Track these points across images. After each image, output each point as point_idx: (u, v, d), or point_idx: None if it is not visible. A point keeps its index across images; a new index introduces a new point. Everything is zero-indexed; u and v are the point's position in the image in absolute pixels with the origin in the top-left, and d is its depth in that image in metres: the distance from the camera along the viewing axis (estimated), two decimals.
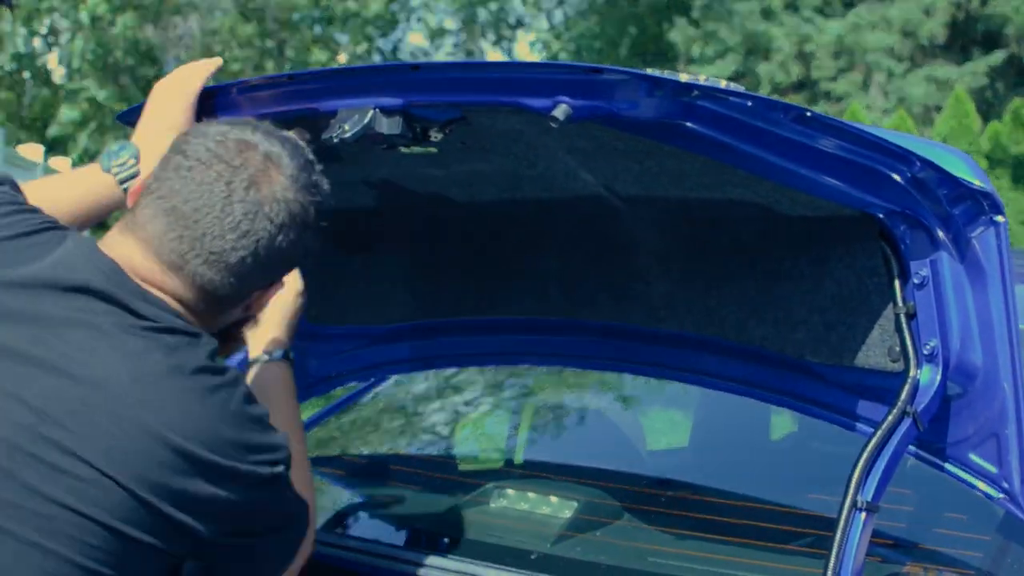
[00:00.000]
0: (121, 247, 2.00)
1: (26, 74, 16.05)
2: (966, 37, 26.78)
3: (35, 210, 2.08)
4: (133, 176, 2.34)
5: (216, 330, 2.08)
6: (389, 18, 16.34)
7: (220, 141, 2.00)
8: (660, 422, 4.41)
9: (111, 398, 1.86)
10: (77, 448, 1.83)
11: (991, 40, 26.52)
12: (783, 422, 3.91)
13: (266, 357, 2.41)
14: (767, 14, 27.34)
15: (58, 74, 16.20)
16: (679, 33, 24.51)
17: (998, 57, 25.60)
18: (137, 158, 2.37)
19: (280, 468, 2.00)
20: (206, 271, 1.98)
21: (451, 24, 18.35)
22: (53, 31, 15.29)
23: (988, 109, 24.89)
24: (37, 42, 15.40)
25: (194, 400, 1.91)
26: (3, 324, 1.90)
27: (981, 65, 25.48)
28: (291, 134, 2.12)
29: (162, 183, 2.00)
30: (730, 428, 3.85)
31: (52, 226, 2.04)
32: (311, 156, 2.10)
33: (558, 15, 19.60)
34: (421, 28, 18.17)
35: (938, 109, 24.57)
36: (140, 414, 1.86)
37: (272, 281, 2.10)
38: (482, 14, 17.79)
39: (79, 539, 1.83)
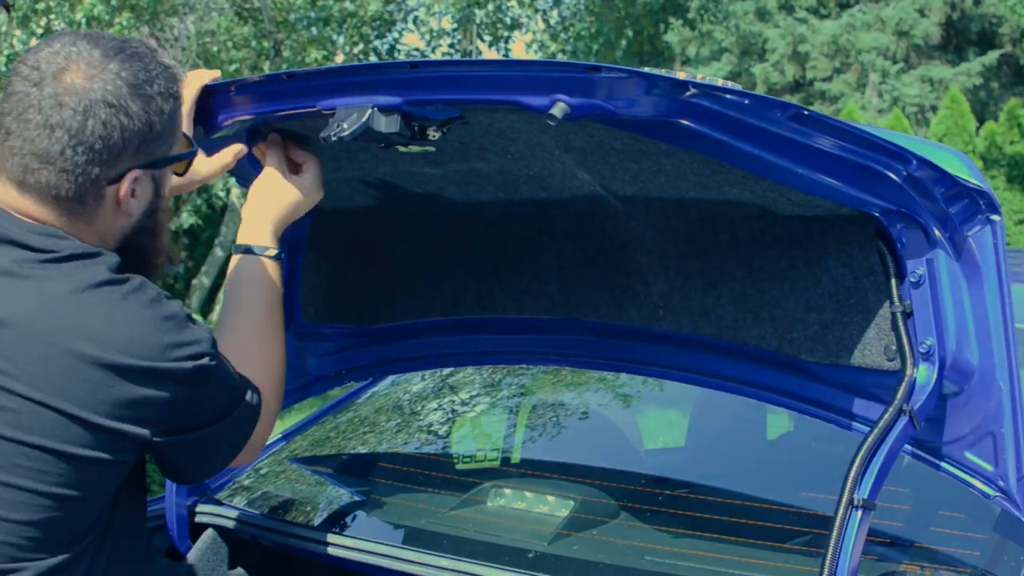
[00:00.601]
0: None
1: None
2: (961, 37, 26.79)
3: None
4: None
5: (114, 246, 2.17)
6: (387, 19, 16.32)
7: (35, 53, 2.11)
8: (657, 422, 4.42)
9: (26, 330, 2.01)
10: (6, 383, 2.00)
11: (986, 40, 26.54)
12: (779, 422, 3.92)
13: (235, 250, 2.51)
14: (762, 15, 27.37)
15: None
16: (675, 34, 24.54)
17: (993, 57, 25.62)
18: None
19: (204, 361, 2.12)
20: (43, 175, 2.07)
21: (448, 25, 18.35)
22: (49, 31, 15.29)
23: (983, 109, 24.92)
24: (34, 43, 15.41)
25: (102, 312, 2.04)
26: None
27: (976, 65, 25.49)
28: (138, 39, 2.21)
29: None
30: (727, 428, 3.86)
31: None
32: (139, 49, 2.15)
33: (554, 16, 19.61)
34: (417, 29, 18.15)
35: (933, 109, 24.60)
36: (55, 339, 2.01)
37: (120, 172, 2.12)
38: (479, 15, 17.79)
39: (31, 467, 2.00)
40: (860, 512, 2.14)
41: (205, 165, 2.48)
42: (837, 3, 27.53)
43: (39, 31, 14.81)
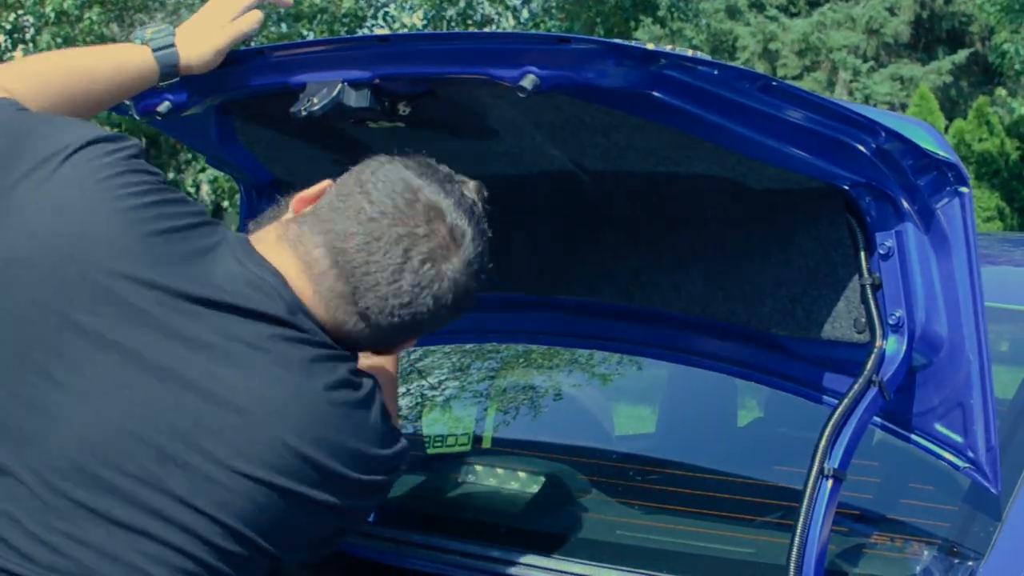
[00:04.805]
0: (278, 257, 2.00)
1: None
2: (931, 36, 26.95)
3: (181, 198, 2.03)
4: (167, 46, 2.31)
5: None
6: (358, 15, 16.35)
7: (410, 201, 2.01)
8: (627, 417, 4.43)
9: (261, 417, 1.91)
10: (227, 459, 1.89)
11: (955, 39, 26.71)
12: (750, 410, 3.94)
13: None
14: (732, 13, 27.44)
15: None
16: (645, 32, 24.58)
17: (962, 56, 25.77)
18: (172, 33, 2.33)
19: (396, 472, 2.10)
20: (353, 320, 2.00)
21: (419, 21, 18.36)
22: (18, 27, 15.23)
23: (952, 107, 25.08)
24: (1, 38, 15.33)
25: (334, 417, 1.96)
26: (172, 343, 1.90)
27: (945, 63, 25.65)
28: (474, 191, 2.15)
29: (337, 219, 2.01)
30: (697, 415, 3.87)
31: (204, 221, 2.01)
32: (485, 225, 2.12)
33: (524, 13, 19.64)
34: (388, 24, 18.16)
35: (903, 107, 24.70)
36: (285, 434, 1.91)
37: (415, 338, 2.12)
38: (449, 11, 17.82)
39: (215, 544, 1.89)
40: (831, 482, 2.15)
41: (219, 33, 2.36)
42: (807, 1, 27.64)
43: (7, 25, 14.76)
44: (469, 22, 18.21)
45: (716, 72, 2.07)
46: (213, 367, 1.91)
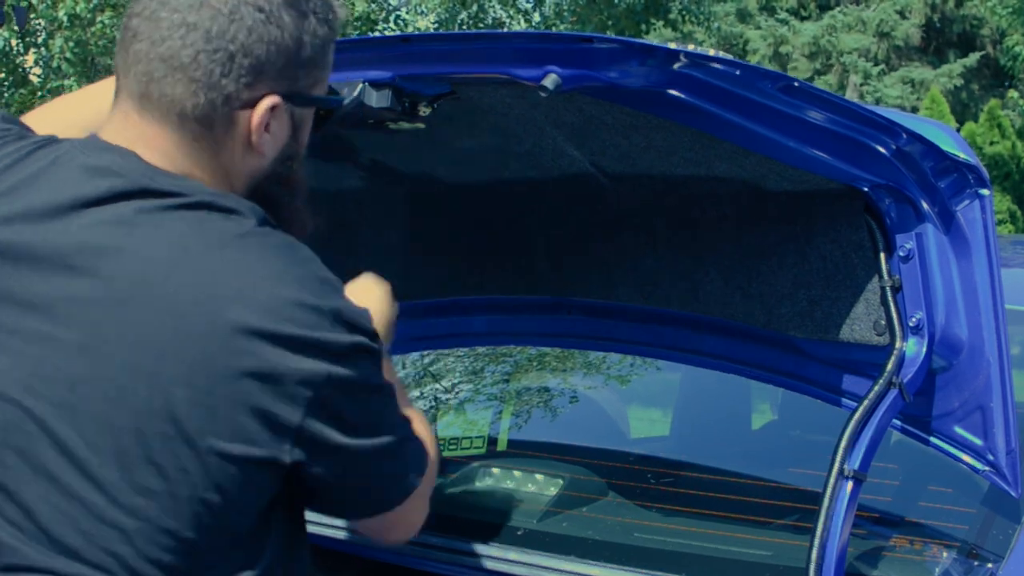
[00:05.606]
0: (117, 128, 1.78)
1: (2, 74, 15.96)
2: (941, 39, 26.89)
3: (24, 136, 1.85)
4: None
5: (243, 193, 1.80)
6: (371, 18, 16.37)
7: None
8: (640, 420, 4.43)
9: (153, 291, 1.64)
10: (139, 366, 1.62)
11: (966, 42, 26.65)
12: (763, 414, 3.94)
13: None
14: (743, 16, 27.42)
15: (35, 74, 16.12)
16: (656, 35, 24.58)
17: (973, 59, 25.71)
18: None
19: (361, 338, 1.70)
20: (167, 84, 1.71)
21: (431, 25, 18.38)
22: (30, 31, 15.25)
23: (963, 110, 25.00)
24: (14, 42, 15.35)
25: (247, 269, 1.67)
26: (27, 268, 1.68)
27: (956, 67, 25.57)
28: None
29: (134, 45, 1.75)
30: (711, 418, 3.87)
31: (45, 143, 1.80)
32: None
33: (536, 17, 19.67)
34: (400, 28, 18.17)
35: (914, 110, 24.65)
36: (188, 302, 1.63)
37: (256, 96, 1.74)
38: (461, 15, 17.85)
39: (166, 464, 1.62)
40: (851, 483, 2.14)
41: None
42: (818, 4, 27.61)
43: (18, 29, 14.77)
44: (481, 25, 18.21)
45: (738, 72, 2.06)
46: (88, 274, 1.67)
